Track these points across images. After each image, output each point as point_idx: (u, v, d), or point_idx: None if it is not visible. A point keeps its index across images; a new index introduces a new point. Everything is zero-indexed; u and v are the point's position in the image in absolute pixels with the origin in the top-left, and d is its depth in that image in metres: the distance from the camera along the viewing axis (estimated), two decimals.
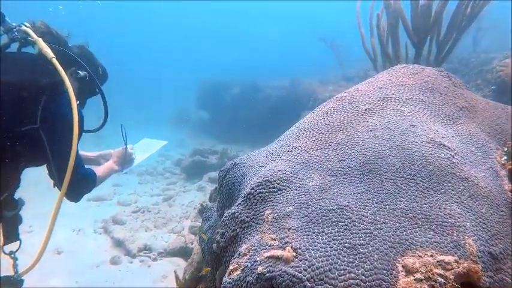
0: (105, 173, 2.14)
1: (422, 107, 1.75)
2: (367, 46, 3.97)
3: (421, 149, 1.44)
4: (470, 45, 9.68)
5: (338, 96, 1.97)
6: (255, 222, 1.38)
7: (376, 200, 1.28)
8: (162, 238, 4.33)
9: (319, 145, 1.62)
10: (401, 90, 1.86)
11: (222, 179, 2.04)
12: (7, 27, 1.73)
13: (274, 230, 1.28)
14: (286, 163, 1.58)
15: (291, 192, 1.41)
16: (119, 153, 2.32)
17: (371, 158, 1.44)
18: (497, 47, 9.57)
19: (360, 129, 1.63)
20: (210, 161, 8.60)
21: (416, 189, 1.30)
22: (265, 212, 1.38)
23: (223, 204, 1.98)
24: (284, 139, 1.85)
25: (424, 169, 1.36)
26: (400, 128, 1.58)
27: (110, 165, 2.24)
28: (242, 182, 1.85)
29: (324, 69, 14.11)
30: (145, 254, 4.06)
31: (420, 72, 2.02)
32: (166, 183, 8.11)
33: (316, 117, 1.85)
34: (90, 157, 2.32)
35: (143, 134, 10.90)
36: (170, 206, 5.82)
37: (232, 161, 2.04)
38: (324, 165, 1.50)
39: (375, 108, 1.75)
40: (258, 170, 1.74)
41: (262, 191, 1.44)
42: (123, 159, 2.32)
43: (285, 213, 1.32)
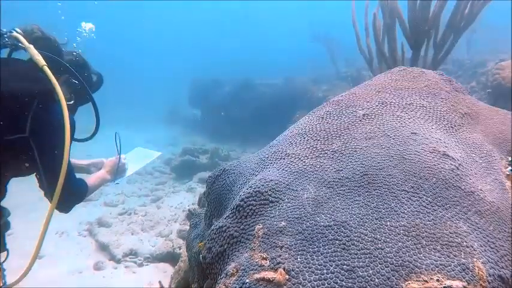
0: (96, 182, 2.08)
1: (423, 113, 1.67)
2: (362, 46, 3.89)
3: (424, 160, 1.35)
4: (464, 47, 9.71)
5: (334, 100, 1.88)
6: (245, 237, 1.28)
7: (376, 215, 1.18)
8: (149, 242, 4.19)
9: (314, 153, 1.52)
10: (401, 94, 1.77)
11: (211, 186, 1.93)
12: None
13: (265, 247, 1.18)
14: (278, 172, 1.48)
15: (283, 205, 1.31)
16: (112, 163, 2.25)
17: (370, 168, 1.35)
18: (491, 49, 9.62)
19: (358, 136, 1.54)
20: (200, 161, 8.47)
21: (419, 204, 1.21)
22: (255, 227, 1.27)
23: (212, 213, 1.87)
24: (277, 145, 1.75)
25: (427, 182, 1.27)
26: (400, 135, 1.49)
27: (101, 174, 2.17)
28: (231, 190, 1.75)
29: (316, 67, 14.05)
30: (131, 259, 3.93)
31: (420, 75, 1.93)
32: (155, 183, 7.96)
33: (310, 122, 1.75)
34: (81, 165, 2.25)
35: (135, 132, 10.75)
36: (158, 207, 5.68)
37: (221, 167, 1.93)
38: (319, 175, 1.40)
39: (373, 114, 1.66)
40: (248, 178, 1.64)
41: (253, 203, 1.34)
42: (116, 169, 2.24)
43: (277, 228, 1.23)
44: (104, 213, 5.22)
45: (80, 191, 1.86)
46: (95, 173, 2.17)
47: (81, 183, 1.88)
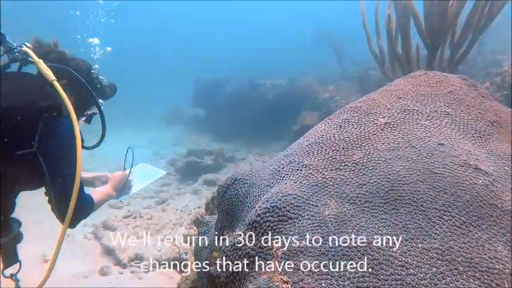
0: (102, 198, 2.03)
1: (448, 121, 1.58)
2: (373, 48, 3.79)
3: (454, 174, 1.26)
4: (475, 46, 9.54)
5: (352, 106, 1.79)
6: (262, 257, 1.20)
7: (406, 236, 1.10)
8: (154, 246, 4.13)
9: (333, 164, 1.44)
10: (424, 101, 1.68)
11: (222, 196, 1.85)
12: (7, 48, 1.71)
13: (285, 269, 1.10)
14: (296, 185, 1.40)
15: (303, 222, 1.23)
16: (117, 179, 2.19)
17: (396, 183, 1.26)
18: (503, 48, 9.43)
19: (380, 147, 1.45)
20: (205, 162, 8.39)
21: (452, 224, 1.12)
22: (274, 246, 1.19)
23: (223, 224, 1.79)
24: (292, 154, 1.66)
25: (460, 199, 1.18)
26: (426, 147, 1.40)
27: (107, 191, 2.12)
28: (244, 202, 1.67)
29: (322, 67, 13.93)
30: (137, 264, 3.87)
31: (443, 80, 1.84)
32: (160, 184, 7.89)
33: (328, 130, 1.66)
34: (86, 178, 2.20)
35: (139, 131, 10.67)
36: (164, 210, 5.62)
37: (233, 176, 1.85)
38: (340, 189, 1.31)
39: (395, 122, 1.57)
40: (263, 190, 1.56)
41: (270, 219, 1.26)
42: (122, 186, 2.18)
43: (297, 248, 1.14)
44: (108, 215, 5.16)
45: (87, 208, 1.82)
46: (101, 189, 2.13)
47: (88, 199, 1.84)
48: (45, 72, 1.67)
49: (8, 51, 1.71)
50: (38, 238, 4.01)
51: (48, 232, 4.27)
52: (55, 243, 1.61)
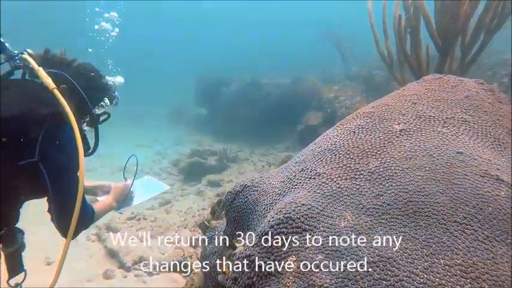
0: (103, 210, 1.99)
1: (466, 128, 1.53)
2: (382, 49, 3.73)
3: (475, 185, 1.22)
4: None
5: (365, 112, 1.75)
6: (276, 270, 1.16)
7: (427, 251, 1.06)
8: (158, 249, 4.10)
9: (348, 173, 1.40)
10: (440, 107, 1.64)
11: (230, 204, 1.82)
12: (8, 55, 1.70)
13: (301, 286, 1.06)
14: (310, 194, 1.36)
15: (318, 234, 1.19)
16: (119, 191, 2.15)
17: (414, 194, 1.22)
18: (507, 47, 9.33)
19: (397, 155, 1.41)
20: (208, 163, 8.37)
21: (474, 239, 1.08)
22: (288, 259, 1.16)
23: (232, 232, 1.76)
24: (304, 161, 1.62)
25: (482, 212, 1.14)
26: (445, 156, 1.36)
27: (108, 202, 2.07)
28: (254, 210, 1.63)
29: (326, 66, 13.86)
30: (141, 267, 3.84)
31: (459, 85, 1.80)
32: None
33: (341, 137, 1.62)
34: (88, 187, 2.16)
35: (142, 130, 10.61)
36: (167, 212, 5.59)
37: (242, 183, 1.82)
38: (356, 200, 1.28)
39: (411, 129, 1.53)
40: (274, 198, 1.52)
41: (284, 231, 1.22)
42: (124, 198, 2.16)
43: (313, 263, 1.11)
44: (112, 217, 5.14)
45: (87, 219, 1.77)
46: (103, 200, 2.08)
47: (89, 210, 1.81)
48: (44, 80, 1.64)
49: (10, 58, 1.69)
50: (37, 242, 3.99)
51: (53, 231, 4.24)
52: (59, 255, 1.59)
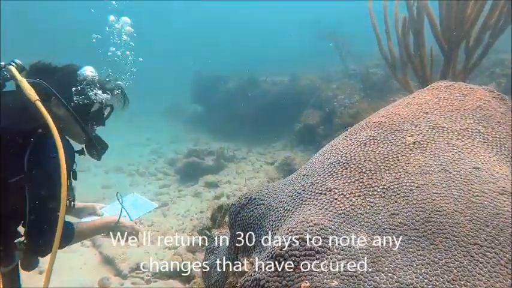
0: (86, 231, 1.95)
1: (481, 140, 1.50)
2: (385, 50, 3.70)
3: (495, 204, 1.19)
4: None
5: (375, 121, 1.71)
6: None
7: (448, 277, 1.03)
8: (156, 255, 4.05)
9: (361, 189, 1.36)
10: (453, 117, 1.61)
11: (235, 217, 1.78)
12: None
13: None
14: (321, 212, 1.32)
15: (333, 257, 1.15)
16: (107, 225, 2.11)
17: (432, 214, 1.18)
18: (505, 46, 9.35)
19: (411, 170, 1.37)
20: (205, 163, 8.32)
21: (496, 263, 1.05)
22: (301, 285, 1.12)
23: (237, 247, 1.72)
24: (313, 174, 1.58)
25: (503, 233, 1.11)
26: (461, 171, 1.33)
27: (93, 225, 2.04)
28: (261, 226, 1.59)
29: (324, 64, 13.83)
30: (138, 274, 3.79)
31: (470, 93, 1.76)
32: (159, 185, 7.82)
33: (351, 148, 1.58)
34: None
35: (137, 128, 10.47)
36: (164, 215, 5.54)
37: (247, 195, 1.77)
38: (371, 219, 1.24)
39: (424, 141, 1.49)
40: (283, 215, 1.48)
41: (296, 254, 1.18)
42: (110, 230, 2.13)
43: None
44: None
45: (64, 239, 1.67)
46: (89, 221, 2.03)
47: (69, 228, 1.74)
48: (27, 91, 1.59)
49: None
50: None
51: None
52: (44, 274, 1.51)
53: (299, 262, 1.16)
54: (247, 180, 7.21)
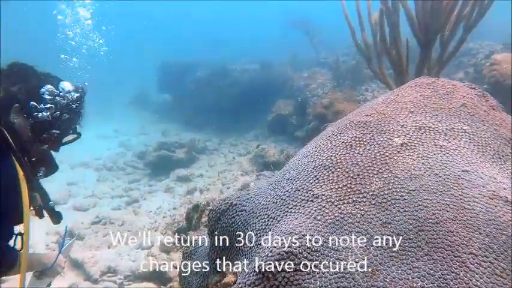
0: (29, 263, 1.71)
1: (467, 141, 1.49)
2: (358, 42, 3.68)
3: (486, 209, 1.17)
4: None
5: (359, 121, 1.66)
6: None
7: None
8: (128, 256, 3.89)
9: (349, 195, 1.31)
10: (439, 117, 1.58)
11: (215, 223, 1.70)
12: None
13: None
14: (309, 221, 1.26)
15: (325, 272, 1.10)
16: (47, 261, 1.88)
17: (425, 222, 1.15)
18: (472, 36, 9.65)
19: (400, 174, 1.33)
20: (177, 156, 8.13)
21: (492, 272, 1.03)
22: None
23: (218, 255, 1.64)
24: (297, 178, 1.52)
25: (496, 240, 1.09)
26: (450, 174, 1.30)
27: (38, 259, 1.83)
28: (243, 234, 1.52)
29: (295, 52, 13.81)
30: (110, 277, 3.63)
31: (453, 91, 1.75)
32: (129, 180, 7.58)
33: (336, 151, 1.53)
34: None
35: (102, 119, 10.02)
36: (136, 213, 5.36)
37: (227, 201, 1.69)
38: (362, 229, 1.19)
39: (412, 143, 1.46)
40: (268, 223, 1.41)
41: (285, 269, 1.12)
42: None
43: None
44: (74, 221, 4.85)
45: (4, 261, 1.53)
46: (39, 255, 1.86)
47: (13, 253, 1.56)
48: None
49: None
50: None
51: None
52: None
53: (289, 279, 1.10)
54: (220, 173, 7.11)
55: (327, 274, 1.09)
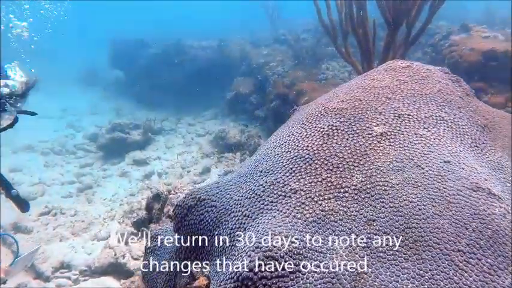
0: None
1: (446, 129, 1.46)
2: (324, 21, 3.59)
3: (471, 203, 1.15)
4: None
5: (334, 107, 1.58)
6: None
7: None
8: (83, 249, 3.66)
9: (330, 191, 1.24)
10: (416, 103, 1.54)
11: (182, 219, 1.57)
12: None
13: None
14: (288, 220, 1.18)
15: (309, 276, 1.02)
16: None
17: (412, 218, 1.10)
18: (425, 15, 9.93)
19: (382, 166, 1.28)
20: (132, 138, 7.76)
21: (480, 270, 1.00)
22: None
23: (186, 255, 1.53)
24: (272, 171, 1.42)
25: (483, 235, 1.07)
26: (433, 166, 1.26)
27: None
28: (214, 233, 1.41)
29: (253, 29, 13.55)
30: (63, 274, 3.39)
31: (428, 76, 1.71)
32: (80, 165, 7.14)
33: (313, 140, 1.44)
34: None
35: (49, 96, 9.28)
36: (89, 202, 5.05)
37: (195, 195, 1.57)
38: (346, 228, 1.13)
39: (392, 132, 1.40)
40: (242, 222, 1.31)
41: (267, 276, 1.03)
42: None
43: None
44: (19, 213, 4.47)
45: None
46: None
47: None
48: None
49: None
50: None
51: None
52: None
53: (271, 286, 1.02)
54: (179, 156, 6.89)
55: (311, 279, 1.01)
